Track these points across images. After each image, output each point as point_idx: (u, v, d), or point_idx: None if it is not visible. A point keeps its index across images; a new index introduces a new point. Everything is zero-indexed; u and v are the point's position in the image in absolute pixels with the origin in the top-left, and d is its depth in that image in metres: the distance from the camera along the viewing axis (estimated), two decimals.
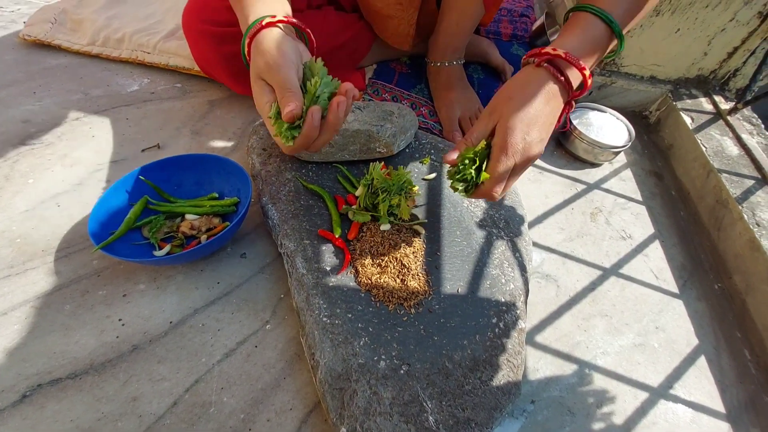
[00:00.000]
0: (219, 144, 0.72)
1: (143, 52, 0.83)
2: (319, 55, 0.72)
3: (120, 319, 0.50)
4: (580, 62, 0.41)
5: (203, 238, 0.55)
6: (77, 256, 0.55)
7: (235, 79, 0.71)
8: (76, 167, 0.65)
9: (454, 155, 0.43)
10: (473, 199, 0.61)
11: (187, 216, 0.57)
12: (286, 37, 0.44)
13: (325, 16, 0.73)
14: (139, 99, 0.78)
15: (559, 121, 0.45)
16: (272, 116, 0.42)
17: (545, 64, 0.42)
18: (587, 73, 0.41)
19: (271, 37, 0.43)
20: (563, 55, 0.40)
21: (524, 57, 0.45)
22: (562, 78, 0.41)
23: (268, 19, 0.44)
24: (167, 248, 0.53)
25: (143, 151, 0.69)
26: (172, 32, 0.85)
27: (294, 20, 0.47)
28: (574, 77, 0.42)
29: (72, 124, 0.72)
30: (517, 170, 0.43)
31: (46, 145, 0.68)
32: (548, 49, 0.41)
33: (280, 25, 0.44)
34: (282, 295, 0.55)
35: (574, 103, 0.45)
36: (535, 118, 0.41)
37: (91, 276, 0.53)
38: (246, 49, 0.46)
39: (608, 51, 0.45)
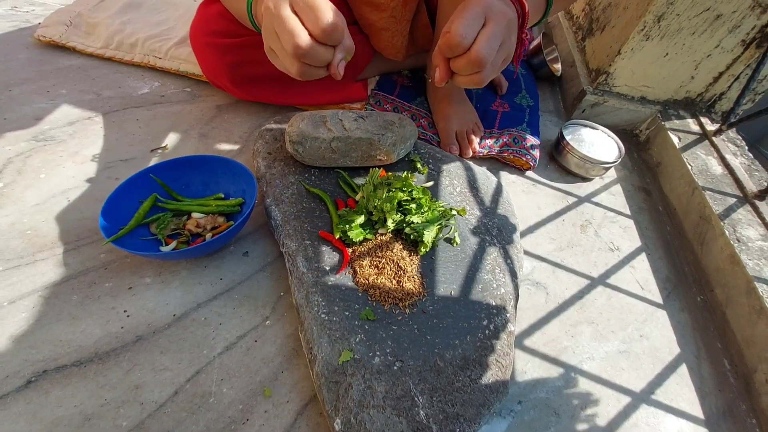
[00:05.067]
0: (225, 147, 0.75)
1: (155, 57, 0.86)
2: None
3: (125, 311, 0.52)
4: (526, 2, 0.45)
5: (208, 235, 0.57)
6: (85, 249, 0.57)
7: (238, 86, 0.75)
8: (86, 164, 0.67)
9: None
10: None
11: (194, 214, 0.59)
12: None
13: None
14: (149, 101, 0.81)
15: (520, 45, 0.47)
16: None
17: None
18: (528, 11, 0.45)
19: None
20: None
21: None
22: (513, 5, 0.44)
23: None
24: (173, 244, 0.56)
25: (152, 151, 0.71)
26: (183, 39, 0.88)
27: None
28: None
29: (84, 123, 0.74)
30: (490, 23, 0.40)
31: (58, 142, 0.70)
32: None
33: None
34: (282, 293, 0.57)
35: (527, 40, 0.48)
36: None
37: (98, 268, 0.55)
38: (252, 8, 0.47)
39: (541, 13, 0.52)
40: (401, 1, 0.73)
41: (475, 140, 0.82)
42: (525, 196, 0.80)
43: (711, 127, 0.92)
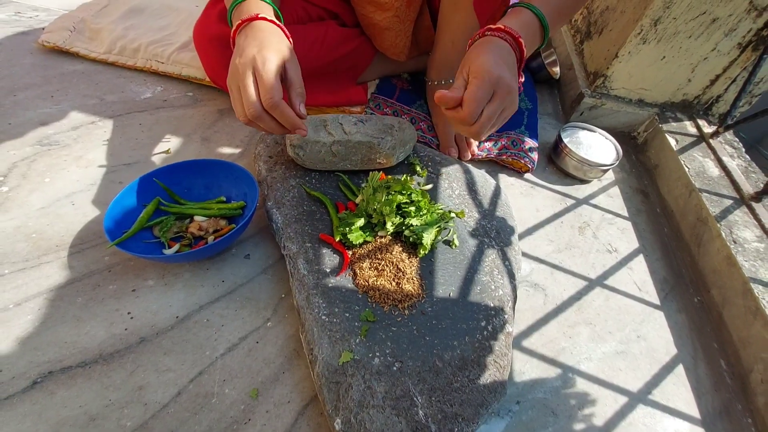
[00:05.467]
0: (227, 150, 0.76)
1: (157, 61, 0.87)
2: (319, 66, 0.77)
3: (129, 313, 0.53)
4: (515, 31, 0.51)
5: (210, 238, 0.58)
6: (90, 252, 0.58)
7: None
8: (90, 168, 0.68)
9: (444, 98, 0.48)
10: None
11: (196, 217, 0.60)
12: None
13: (326, 28, 0.78)
14: (152, 106, 0.82)
15: (519, 75, 0.53)
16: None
17: (488, 34, 0.52)
18: (522, 40, 0.51)
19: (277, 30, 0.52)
20: (503, 27, 0.52)
21: (477, 33, 0.53)
22: (508, 37, 0.51)
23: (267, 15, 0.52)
24: (176, 247, 0.56)
25: (155, 155, 0.72)
26: (185, 44, 0.89)
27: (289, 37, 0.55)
28: (518, 45, 0.52)
29: (87, 127, 0.75)
30: (496, 100, 0.47)
31: (62, 147, 0.71)
32: (492, 26, 0.52)
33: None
34: (283, 295, 0.58)
35: (523, 75, 0.54)
36: (499, 57, 0.49)
37: (102, 271, 0.56)
38: (233, 17, 0.54)
39: (538, 39, 0.56)
40: (406, 2, 0.74)
41: (474, 143, 0.83)
42: (523, 199, 0.81)
43: (708, 129, 0.93)
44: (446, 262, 0.59)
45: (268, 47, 0.49)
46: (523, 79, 0.55)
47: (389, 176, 0.65)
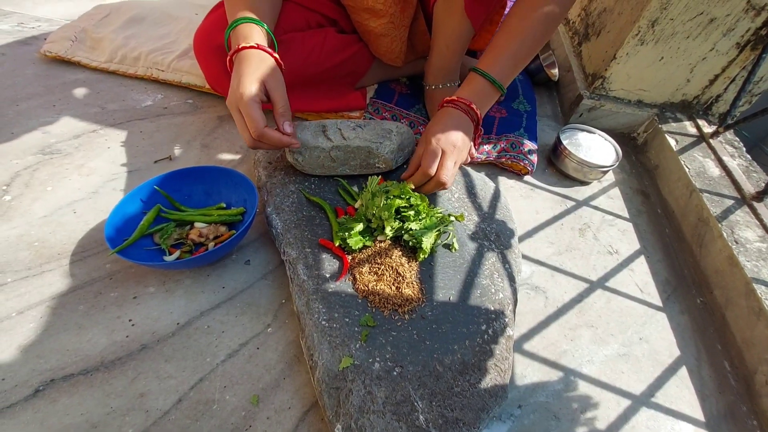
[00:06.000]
0: (227, 157, 0.77)
1: (158, 69, 0.88)
2: (319, 72, 0.78)
3: (130, 320, 0.53)
4: (466, 100, 0.65)
5: (211, 245, 0.59)
6: (91, 260, 0.58)
7: None
8: (92, 176, 0.69)
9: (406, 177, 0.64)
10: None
11: (196, 224, 0.60)
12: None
13: (325, 35, 0.78)
14: (152, 113, 0.82)
15: (476, 136, 0.68)
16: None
17: (446, 105, 0.66)
18: (474, 106, 0.65)
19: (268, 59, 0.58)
20: (456, 98, 0.65)
21: (438, 105, 0.68)
22: (461, 105, 0.65)
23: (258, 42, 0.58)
24: (177, 254, 0.57)
25: (156, 162, 0.73)
26: (185, 52, 0.90)
27: (275, 54, 0.59)
28: (470, 109, 0.65)
29: (89, 135, 0.76)
30: (445, 156, 0.61)
31: (64, 155, 0.72)
32: (448, 98, 0.66)
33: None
34: (283, 301, 0.58)
35: (481, 129, 0.69)
36: (447, 124, 0.63)
37: (104, 279, 0.56)
38: (228, 41, 0.60)
39: (494, 94, 0.67)
40: (400, 8, 0.75)
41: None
42: (523, 201, 0.81)
43: (708, 129, 0.93)
44: (446, 265, 0.59)
45: (247, 78, 0.54)
46: (482, 132, 0.69)
47: (388, 180, 0.65)
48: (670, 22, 0.82)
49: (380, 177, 0.66)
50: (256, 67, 0.55)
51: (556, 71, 1.12)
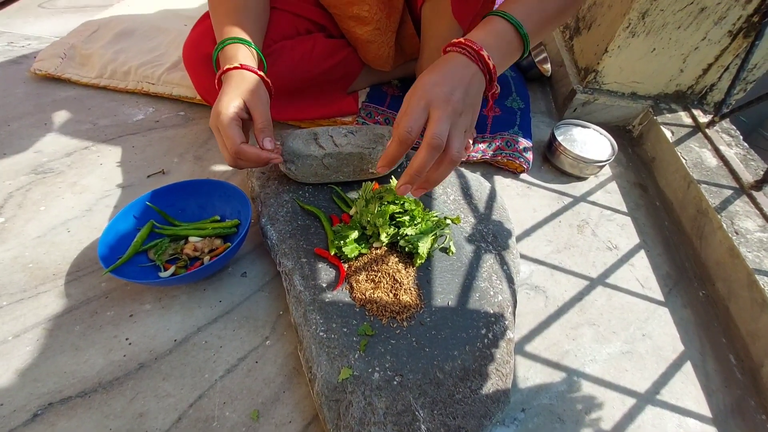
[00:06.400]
0: (220, 168, 0.76)
1: (148, 83, 0.88)
2: (310, 78, 0.77)
3: (127, 339, 0.53)
4: (474, 43, 0.46)
5: (206, 258, 0.58)
6: (87, 279, 0.58)
7: None
8: (85, 194, 0.68)
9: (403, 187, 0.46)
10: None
11: (191, 238, 0.60)
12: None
13: (314, 41, 0.78)
14: (144, 127, 0.82)
15: (491, 94, 0.50)
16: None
17: (448, 50, 0.48)
18: (485, 53, 0.46)
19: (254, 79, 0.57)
20: (462, 41, 0.47)
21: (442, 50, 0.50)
22: (467, 50, 0.46)
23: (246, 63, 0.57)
24: (172, 269, 0.56)
25: (149, 176, 0.72)
26: (175, 64, 0.90)
27: (266, 79, 0.59)
28: (479, 55, 0.46)
29: (81, 152, 0.76)
30: (434, 114, 0.42)
31: (56, 174, 0.71)
32: (453, 41, 0.48)
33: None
34: (281, 312, 0.57)
35: (497, 87, 0.50)
36: (444, 74, 0.45)
37: (99, 298, 0.56)
38: (217, 61, 0.60)
39: (516, 48, 0.50)
40: (385, 14, 0.74)
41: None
42: (520, 200, 0.80)
43: (704, 119, 0.92)
44: (443, 270, 0.58)
45: (226, 97, 0.54)
46: (497, 90, 0.50)
47: (383, 185, 0.65)
48: (660, 13, 0.81)
49: (375, 183, 0.65)
50: (236, 86, 0.55)
51: (548, 66, 1.12)
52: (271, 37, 0.73)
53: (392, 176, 0.68)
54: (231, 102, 0.53)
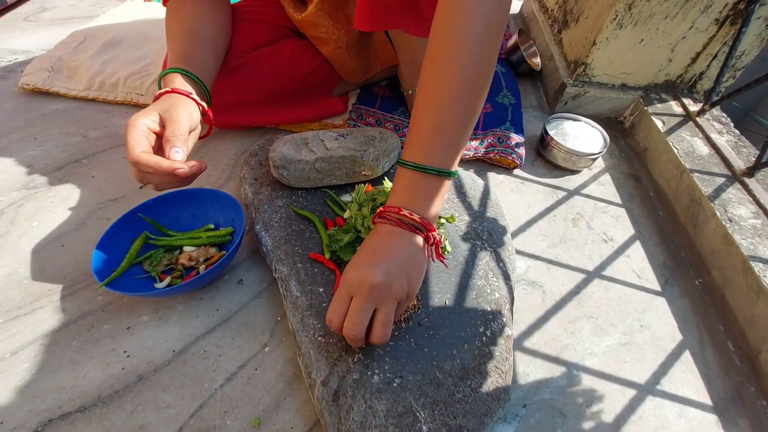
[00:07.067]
0: (213, 176, 0.76)
1: (137, 94, 0.87)
2: (292, 84, 0.77)
3: (125, 351, 0.52)
4: (393, 207, 0.44)
5: (202, 268, 0.58)
6: (82, 293, 0.57)
7: (217, 114, 0.74)
8: (78, 208, 0.68)
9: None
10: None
11: (185, 248, 0.60)
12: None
13: (292, 47, 0.78)
14: None
15: (435, 251, 0.46)
16: None
17: (377, 219, 0.46)
18: (406, 212, 0.43)
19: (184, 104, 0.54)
20: (378, 212, 0.46)
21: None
22: (388, 218, 0.44)
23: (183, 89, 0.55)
24: (167, 280, 0.56)
25: (141, 187, 0.72)
26: None
27: (199, 101, 0.57)
28: (401, 217, 0.44)
29: (72, 166, 0.75)
30: (356, 301, 0.41)
31: (48, 188, 0.71)
32: (379, 210, 0.46)
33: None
34: (279, 318, 0.57)
35: (436, 236, 0.45)
36: (362, 253, 0.44)
37: (96, 311, 0.56)
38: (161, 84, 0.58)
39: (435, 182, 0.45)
40: (344, 32, 0.75)
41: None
42: (514, 195, 0.80)
43: (694, 107, 0.92)
44: (440, 269, 0.58)
45: (140, 112, 0.51)
46: (438, 239, 0.46)
47: (376, 187, 0.65)
48: (647, 3, 0.81)
49: (368, 185, 0.65)
50: (158, 103, 0.53)
51: (538, 60, 1.12)
52: (243, 47, 0.73)
53: (385, 177, 0.68)
54: (142, 114, 0.51)
